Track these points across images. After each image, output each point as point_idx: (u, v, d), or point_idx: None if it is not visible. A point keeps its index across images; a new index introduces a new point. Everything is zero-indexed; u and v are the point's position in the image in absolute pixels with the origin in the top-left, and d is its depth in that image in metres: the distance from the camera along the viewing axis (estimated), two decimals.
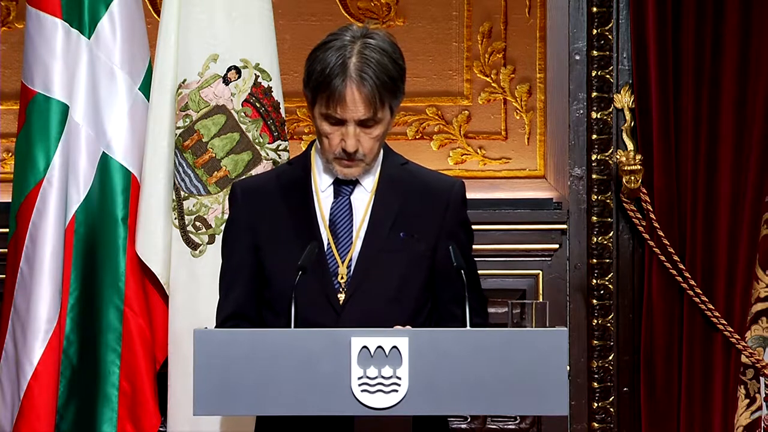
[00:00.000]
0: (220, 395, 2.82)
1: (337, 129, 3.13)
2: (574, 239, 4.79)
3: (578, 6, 4.78)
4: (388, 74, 3.12)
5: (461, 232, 3.26)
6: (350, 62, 3.10)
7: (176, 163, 4.26)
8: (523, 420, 4.82)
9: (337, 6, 4.93)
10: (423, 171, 3.34)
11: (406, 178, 3.26)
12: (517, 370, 2.82)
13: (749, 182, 4.66)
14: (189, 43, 4.27)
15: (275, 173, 3.38)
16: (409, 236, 3.18)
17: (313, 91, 3.15)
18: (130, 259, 4.30)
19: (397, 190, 3.23)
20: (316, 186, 3.23)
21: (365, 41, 3.13)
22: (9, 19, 4.93)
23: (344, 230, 3.20)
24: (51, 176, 4.25)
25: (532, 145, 4.93)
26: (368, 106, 3.10)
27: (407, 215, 3.21)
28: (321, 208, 3.21)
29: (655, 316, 4.66)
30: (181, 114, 4.26)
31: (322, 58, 3.13)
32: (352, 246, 3.19)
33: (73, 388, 4.30)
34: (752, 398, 4.78)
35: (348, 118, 3.11)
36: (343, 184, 3.22)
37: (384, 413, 2.82)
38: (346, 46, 3.12)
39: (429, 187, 3.26)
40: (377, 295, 3.16)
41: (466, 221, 3.29)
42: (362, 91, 3.09)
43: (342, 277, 3.17)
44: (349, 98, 3.09)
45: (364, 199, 3.22)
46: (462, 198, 3.28)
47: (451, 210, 3.25)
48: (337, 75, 3.09)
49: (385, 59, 3.13)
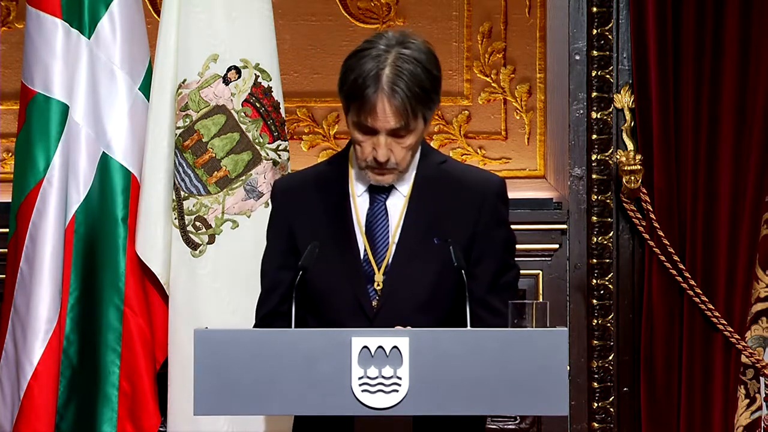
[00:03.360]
0: (220, 395, 2.82)
1: (369, 138, 3.12)
2: (574, 239, 4.79)
3: (578, 6, 4.78)
4: (421, 85, 3.09)
5: (497, 229, 3.22)
6: (383, 73, 3.07)
7: (176, 163, 4.26)
8: (523, 420, 4.82)
9: (337, 6, 4.93)
10: (460, 168, 3.31)
11: (442, 179, 3.23)
12: (517, 370, 2.82)
13: (749, 182, 4.66)
14: (189, 43, 4.27)
15: (314, 172, 3.35)
16: (443, 241, 3.15)
17: (346, 99, 3.13)
18: (130, 259, 4.30)
19: (432, 192, 3.21)
20: (353, 190, 3.22)
21: (400, 51, 3.10)
22: (9, 19, 4.93)
23: (381, 236, 3.18)
24: (51, 176, 4.25)
25: (532, 145, 4.93)
26: (399, 118, 3.08)
27: (442, 219, 3.18)
28: (357, 214, 3.20)
29: (655, 316, 4.66)
30: (181, 114, 4.26)
31: (356, 66, 3.11)
32: (388, 252, 3.18)
33: (73, 388, 4.30)
34: (752, 398, 4.78)
35: (379, 128, 3.09)
36: (378, 190, 3.20)
37: (384, 413, 2.82)
38: (381, 55, 3.09)
39: (465, 185, 3.23)
40: (409, 303, 3.15)
41: (503, 219, 3.24)
42: (393, 103, 3.07)
43: (378, 284, 3.17)
44: (380, 109, 3.07)
45: (399, 204, 3.20)
46: (499, 194, 3.24)
47: (487, 207, 3.21)
48: (370, 86, 3.07)
49: (419, 69, 3.10)
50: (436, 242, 3.15)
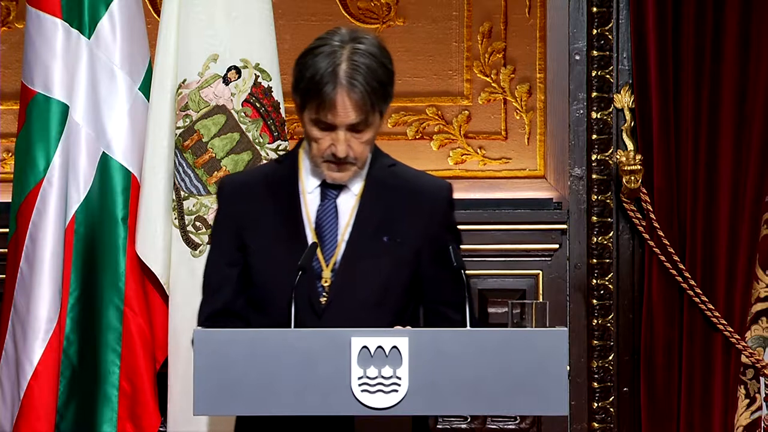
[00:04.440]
0: (220, 395, 2.82)
1: (327, 134, 3.13)
2: (574, 239, 4.79)
3: (578, 6, 4.78)
4: (378, 79, 3.10)
5: (448, 235, 3.24)
6: (340, 69, 3.08)
7: (176, 163, 4.26)
8: (523, 420, 4.82)
9: (337, 6, 4.93)
10: (411, 173, 3.31)
11: (393, 181, 3.24)
12: (517, 370, 2.82)
13: (749, 182, 4.66)
14: (189, 43, 4.27)
15: (263, 171, 3.37)
16: (392, 240, 3.18)
17: (302, 97, 3.13)
18: (130, 259, 4.30)
19: (383, 193, 3.22)
20: (303, 187, 3.22)
21: (354, 46, 3.11)
22: (9, 19, 4.93)
23: (330, 233, 3.19)
24: (51, 176, 4.25)
25: (532, 145, 4.93)
26: (359, 112, 3.09)
27: (392, 219, 3.20)
28: (307, 210, 3.20)
29: (655, 316, 4.66)
30: (181, 114, 4.26)
31: (311, 64, 3.10)
32: (337, 249, 3.18)
33: (73, 388, 4.30)
34: (752, 398, 4.78)
35: (339, 123, 3.10)
36: (329, 187, 3.21)
37: (384, 413, 2.82)
38: (336, 51, 3.10)
39: (416, 190, 3.24)
40: (358, 300, 3.16)
41: (453, 225, 3.27)
42: (352, 98, 3.07)
43: (326, 280, 3.16)
44: (340, 104, 3.08)
45: (350, 202, 3.21)
46: (449, 201, 3.26)
47: (438, 213, 3.23)
48: (328, 82, 3.07)
49: (375, 64, 3.11)
50: (386, 241, 3.16)
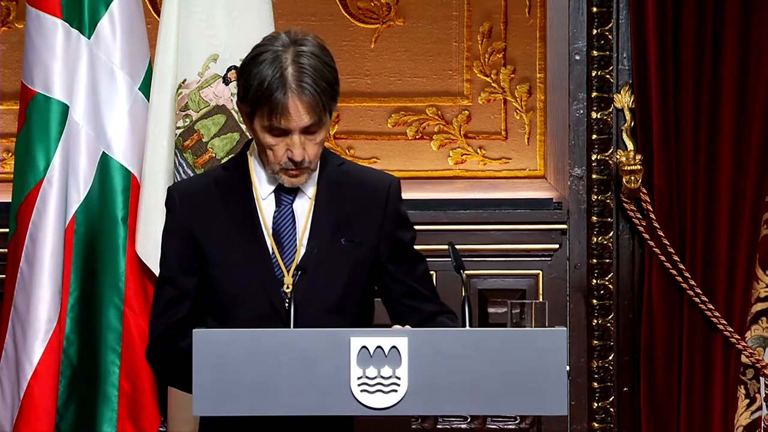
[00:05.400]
0: (220, 395, 2.81)
1: (282, 140, 3.10)
2: (574, 239, 4.79)
3: (578, 6, 4.78)
4: (326, 80, 3.09)
5: (401, 231, 3.24)
6: (287, 73, 3.05)
7: (176, 163, 4.26)
8: (523, 420, 4.82)
9: (337, 6, 4.93)
10: (359, 170, 3.30)
11: (343, 181, 3.23)
12: (516, 370, 2.82)
13: (749, 182, 4.66)
14: (189, 43, 4.27)
15: (212, 177, 3.29)
16: (350, 242, 3.17)
17: (252, 106, 3.10)
18: (130, 259, 4.30)
19: (336, 194, 3.20)
20: (257, 193, 3.20)
21: (297, 49, 3.08)
22: (9, 19, 4.93)
23: (288, 239, 3.17)
24: (51, 176, 4.25)
25: (532, 145, 4.93)
26: (312, 114, 3.07)
27: (348, 220, 3.19)
28: (263, 217, 3.18)
29: (655, 316, 4.66)
30: (181, 114, 4.26)
31: (256, 72, 3.07)
32: (296, 254, 3.17)
33: (73, 388, 4.30)
34: (752, 398, 4.78)
35: (293, 128, 3.08)
36: (284, 192, 3.19)
37: (383, 413, 2.82)
38: (279, 56, 3.07)
39: (365, 187, 3.23)
40: (322, 304, 3.14)
41: (405, 218, 3.26)
42: (304, 101, 3.05)
43: (288, 286, 3.15)
44: (293, 109, 3.06)
45: (305, 206, 3.19)
46: (398, 195, 3.25)
47: (389, 211, 3.22)
48: (277, 88, 3.04)
49: (320, 65, 3.09)
50: (344, 243, 3.16)
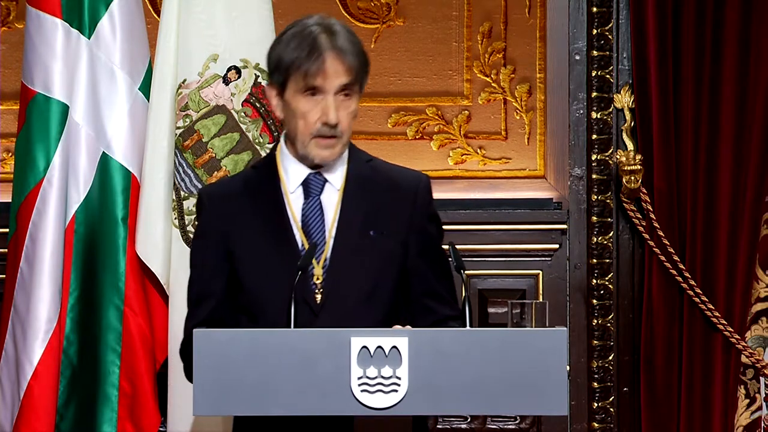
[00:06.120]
0: (220, 395, 2.82)
1: (316, 104, 3.13)
2: (574, 239, 4.79)
3: (578, 6, 4.78)
4: (361, 49, 3.16)
5: (430, 225, 3.26)
6: (322, 37, 3.12)
7: (176, 163, 4.27)
8: (523, 420, 4.82)
9: (337, 6, 4.93)
10: (388, 167, 3.33)
11: (372, 176, 3.26)
12: (517, 370, 2.82)
13: (749, 182, 4.66)
14: (189, 43, 4.27)
15: (242, 177, 3.36)
16: (379, 234, 3.19)
17: (285, 73, 3.14)
18: (130, 259, 4.30)
19: (364, 187, 3.23)
20: (285, 188, 3.22)
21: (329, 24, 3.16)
22: (9, 19, 4.93)
23: (317, 231, 3.19)
24: (51, 176, 4.25)
25: (532, 145, 4.93)
26: (349, 73, 3.12)
27: (376, 213, 3.21)
28: (292, 210, 3.20)
29: (655, 316, 4.66)
30: (181, 114, 4.26)
31: (291, 40, 3.14)
32: (326, 246, 3.18)
33: (73, 388, 4.30)
34: (752, 398, 4.78)
35: (329, 86, 3.11)
36: (312, 184, 3.21)
37: (384, 413, 2.82)
38: (312, 28, 3.14)
39: (395, 183, 3.26)
40: (352, 296, 3.16)
41: (435, 215, 3.29)
42: (341, 58, 3.11)
43: (318, 278, 3.17)
44: (330, 66, 3.10)
45: (333, 198, 3.21)
46: (428, 192, 3.29)
47: (419, 205, 3.25)
48: (312, 49, 3.10)
49: (353, 36, 3.17)
50: (373, 235, 3.17)
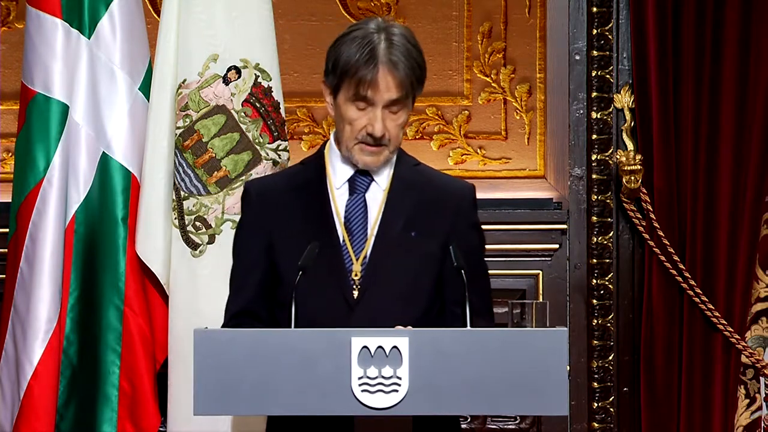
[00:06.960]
0: (220, 395, 2.82)
1: (364, 114, 3.17)
2: (574, 239, 4.79)
3: (578, 6, 4.78)
4: (416, 60, 3.18)
5: (472, 234, 3.29)
6: (380, 47, 3.14)
7: (176, 163, 4.26)
8: (523, 420, 4.82)
9: (337, 6, 4.93)
10: (434, 173, 3.38)
11: (418, 180, 3.30)
12: (517, 370, 2.82)
13: (749, 182, 4.66)
14: (189, 43, 4.27)
15: (288, 173, 3.42)
16: (420, 235, 3.21)
17: (339, 78, 3.17)
18: (130, 259, 4.30)
19: (409, 190, 3.26)
20: (331, 184, 3.26)
21: (390, 31, 3.18)
22: (9, 19, 4.93)
23: (359, 227, 3.22)
24: (51, 176, 4.25)
25: (532, 145, 4.93)
26: (400, 88, 3.15)
27: (419, 215, 3.24)
28: (336, 206, 3.24)
29: (655, 316, 4.66)
30: (181, 114, 4.26)
31: (351, 44, 3.17)
32: (367, 243, 3.21)
33: (73, 388, 4.30)
34: (752, 398, 4.78)
35: (378, 100, 3.15)
36: (358, 182, 3.24)
37: (384, 413, 2.82)
38: (372, 35, 3.16)
39: (441, 189, 3.31)
40: (390, 293, 3.18)
41: (477, 224, 3.33)
42: (394, 74, 3.14)
43: (356, 274, 3.19)
44: (382, 80, 3.13)
45: (378, 197, 3.25)
46: (473, 201, 3.32)
47: (462, 213, 3.29)
48: (369, 60, 3.13)
49: (411, 46, 3.19)
50: (414, 236, 3.18)
